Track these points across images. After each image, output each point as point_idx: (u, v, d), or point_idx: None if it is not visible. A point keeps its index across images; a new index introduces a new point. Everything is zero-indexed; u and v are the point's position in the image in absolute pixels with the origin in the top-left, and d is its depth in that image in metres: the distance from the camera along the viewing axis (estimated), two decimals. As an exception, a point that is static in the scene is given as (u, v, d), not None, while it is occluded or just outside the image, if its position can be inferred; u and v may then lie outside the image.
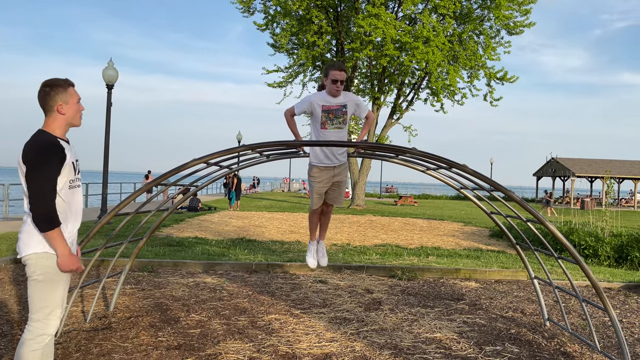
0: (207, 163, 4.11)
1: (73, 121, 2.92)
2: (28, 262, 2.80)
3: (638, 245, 9.79)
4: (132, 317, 4.93)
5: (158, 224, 5.06)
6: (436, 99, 25.37)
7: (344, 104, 4.47)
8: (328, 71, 4.38)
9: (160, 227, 13.03)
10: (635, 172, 43.35)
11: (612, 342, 4.74)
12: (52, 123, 2.85)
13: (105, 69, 14.36)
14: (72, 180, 2.87)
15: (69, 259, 2.78)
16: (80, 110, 2.96)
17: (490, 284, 7.24)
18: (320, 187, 4.73)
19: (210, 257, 8.44)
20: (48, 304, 2.81)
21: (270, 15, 25.59)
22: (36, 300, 2.81)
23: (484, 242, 12.67)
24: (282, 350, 4.18)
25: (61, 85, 2.85)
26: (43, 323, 2.81)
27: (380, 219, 19.10)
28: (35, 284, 2.80)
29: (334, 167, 4.67)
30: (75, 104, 2.90)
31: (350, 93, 4.62)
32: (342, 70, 4.35)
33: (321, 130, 4.49)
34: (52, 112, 2.84)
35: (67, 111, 2.87)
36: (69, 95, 2.87)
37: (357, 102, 4.59)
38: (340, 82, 4.37)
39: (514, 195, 3.67)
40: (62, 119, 2.86)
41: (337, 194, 4.85)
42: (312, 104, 4.47)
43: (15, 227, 12.28)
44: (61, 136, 2.88)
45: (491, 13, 24.43)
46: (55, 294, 2.83)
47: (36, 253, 2.78)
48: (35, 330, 2.81)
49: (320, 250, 5.17)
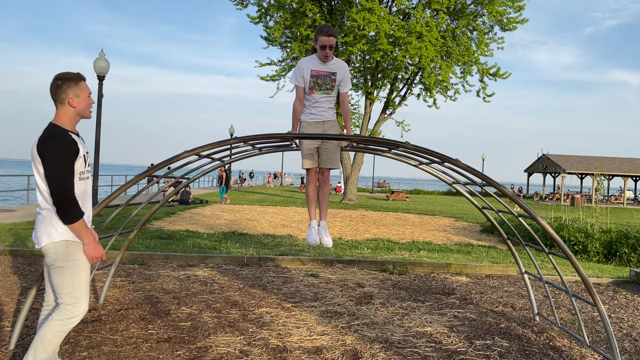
0: (199, 155, 4.08)
1: (84, 114, 3.02)
2: (48, 252, 2.90)
3: (627, 241, 9.88)
4: (122, 310, 4.90)
5: (149, 216, 5.02)
6: (429, 94, 25.40)
7: (333, 71, 4.38)
8: (317, 36, 4.26)
9: (151, 220, 12.96)
10: (625, 169, 43.74)
11: (601, 336, 4.78)
12: (63, 116, 2.94)
13: (97, 60, 14.23)
14: (82, 172, 2.97)
15: (95, 248, 2.96)
16: (91, 104, 3.05)
17: (480, 278, 7.27)
18: (309, 142, 4.52)
19: (201, 250, 8.41)
20: (76, 288, 2.94)
21: (264, 8, 25.47)
22: (64, 286, 2.93)
23: (475, 238, 12.73)
24: (273, 344, 4.17)
25: (73, 79, 2.95)
26: (74, 306, 2.94)
27: (372, 214, 19.13)
28: (60, 271, 2.91)
29: (323, 122, 4.50)
30: (86, 97, 3.00)
31: (342, 61, 4.49)
32: (330, 36, 4.21)
33: (309, 95, 4.43)
34: (64, 104, 2.93)
35: (78, 104, 2.96)
36: (80, 88, 2.96)
37: (346, 72, 4.48)
38: (329, 47, 4.25)
39: (506, 190, 3.67)
40: (72, 111, 2.96)
41: (330, 154, 4.59)
42: (302, 67, 4.38)
43: (7, 218, 12.17)
44: (71, 129, 2.98)
45: (484, 9, 24.46)
46: (80, 278, 2.96)
47: (54, 242, 2.88)
48: (66, 312, 2.93)
49: (322, 230, 4.79)
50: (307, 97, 4.46)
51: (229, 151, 4.59)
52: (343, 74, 4.45)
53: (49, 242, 2.88)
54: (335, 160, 4.67)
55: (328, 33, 4.22)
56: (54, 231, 2.88)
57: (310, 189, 4.74)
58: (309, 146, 4.53)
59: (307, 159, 4.57)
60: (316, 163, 4.62)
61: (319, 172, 4.70)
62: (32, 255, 7.35)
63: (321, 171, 4.69)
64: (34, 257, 7.28)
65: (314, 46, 4.39)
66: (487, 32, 25.67)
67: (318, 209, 4.84)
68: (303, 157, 4.58)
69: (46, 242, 2.89)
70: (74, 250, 2.93)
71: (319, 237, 4.69)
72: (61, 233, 2.89)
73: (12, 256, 7.29)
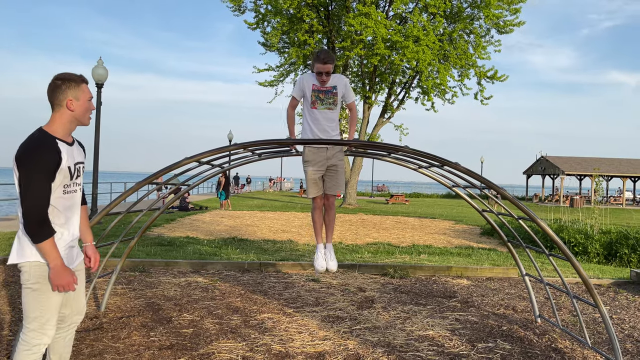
0: (199, 162, 4.09)
1: (81, 119, 2.77)
2: (22, 270, 2.69)
3: (627, 242, 9.89)
4: (123, 318, 4.90)
5: (149, 223, 5.03)
6: (427, 97, 25.44)
7: (334, 85, 4.41)
8: (314, 63, 4.30)
9: (152, 227, 12.96)
10: (624, 170, 43.82)
11: (603, 338, 4.78)
12: (57, 119, 2.70)
13: (95, 68, 14.25)
14: (68, 185, 2.72)
15: (60, 273, 2.64)
16: (90, 109, 2.81)
17: (481, 281, 7.28)
18: (314, 172, 4.53)
19: (202, 256, 8.41)
20: (43, 314, 2.70)
21: (261, 14, 25.54)
22: (31, 309, 2.69)
23: (475, 240, 12.74)
24: (275, 349, 4.17)
25: (74, 80, 2.72)
26: (39, 333, 2.70)
27: (372, 218, 19.13)
28: (30, 293, 2.68)
29: (327, 149, 4.49)
30: (86, 101, 2.76)
31: (340, 75, 4.53)
32: (326, 63, 4.23)
33: (311, 110, 4.41)
34: (61, 107, 2.69)
35: (77, 108, 2.72)
36: (80, 91, 2.73)
37: (347, 84, 4.51)
38: (325, 74, 4.28)
39: (506, 192, 3.69)
40: (69, 115, 2.71)
41: (334, 180, 4.61)
42: (303, 83, 4.41)
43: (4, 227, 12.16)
44: (63, 136, 2.71)
45: (481, 12, 24.54)
46: (50, 303, 2.71)
47: (29, 262, 2.66)
48: (31, 340, 2.71)
49: (328, 253, 4.83)
50: (309, 113, 4.47)
51: (228, 157, 4.60)
52: (344, 86, 4.48)
53: (23, 260, 2.66)
54: (340, 185, 4.69)
55: (324, 60, 4.23)
56: (29, 250, 2.65)
57: (316, 215, 4.77)
58: (313, 176, 4.56)
59: (312, 189, 4.61)
60: (321, 191, 4.65)
61: (325, 197, 4.73)
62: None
63: (327, 197, 4.73)
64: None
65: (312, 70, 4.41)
66: (484, 35, 25.76)
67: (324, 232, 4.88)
68: (308, 186, 4.63)
69: (21, 260, 2.67)
70: (47, 273, 2.66)
71: (325, 259, 4.78)
72: (36, 253, 2.64)
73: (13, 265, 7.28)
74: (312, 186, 4.58)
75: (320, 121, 4.40)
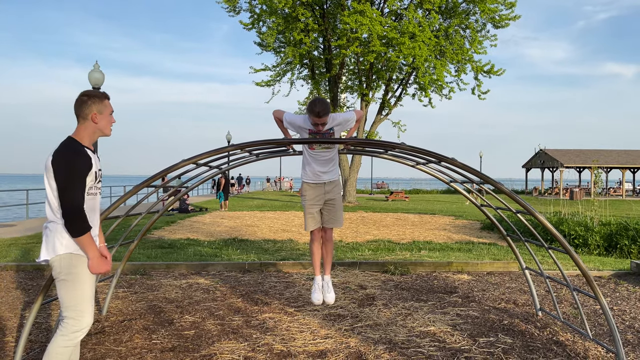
0: (197, 163, 4.10)
1: (104, 130, 3.10)
2: (53, 265, 2.95)
3: (627, 233, 9.91)
4: (125, 321, 4.90)
5: (149, 226, 5.03)
6: (424, 93, 25.43)
7: (329, 128, 4.42)
8: (309, 114, 4.27)
9: (152, 230, 12.96)
10: (623, 162, 43.83)
11: (604, 329, 4.79)
12: (83, 131, 3.02)
13: (92, 72, 14.24)
14: (91, 188, 3.03)
15: (99, 262, 2.97)
16: (112, 122, 3.14)
17: (482, 276, 7.29)
18: (311, 206, 4.59)
19: (202, 258, 8.42)
20: (79, 301, 2.97)
21: (256, 14, 25.52)
22: (67, 299, 2.96)
23: (475, 235, 12.75)
24: (277, 349, 4.18)
25: (98, 97, 3.05)
26: (76, 320, 2.96)
27: (371, 215, 19.14)
28: (64, 284, 2.95)
29: (324, 184, 4.59)
30: (108, 115, 3.09)
31: (333, 115, 4.44)
32: (320, 117, 4.21)
33: (310, 151, 4.51)
34: (86, 120, 3.01)
35: (100, 121, 3.05)
36: (104, 106, 3.06)
37: (339, 122, 4.46)
38: (321, 124, 4.28)
39: (503, 187, 3.69)
40: (93, 127, 3.04)
41: (332, 214, 4.67)
42: (299, 125, 4.43)
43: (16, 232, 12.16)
44: (88, 145, 3.05)
45: (476, 7, 24.52)
46: (83, 291, 2.98)
47: (59, 255, 2.93)
48: (69, 327, 2.95)
49: (325, 286, 4.81)
50: (308, 153, 4.52)
51: (226, 158, 4.61)
52: (338, 124, 4.45)
53: (54, 255, 2.93)
54: (338, 219, 4.71)
55: (319, 114, 4.20)
56: (59, 244, 2.93)
57: (315, 247, 4.80)
58: (311, 210, 4.61)
59: (310, 222, 4.65)
60: (319, 224, 4.69)
61: (323, 230, 4.76)
62: (34, 269, 7.35)
63: (324, 230, 4.77)
64: (36, 271, 7.27)
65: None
66: (479, 29, 25.73)
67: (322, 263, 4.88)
68: (306, 219, 4.67)
69: (51, 256, 2.94)
70: (77, 263, 2.96)
71: (322, 296, 4.78)
72: (66, 246, 2.93)
73: (14, 271, 7.29)
74: (310, 219, 4.65)
75: (319, 161, 4.52)
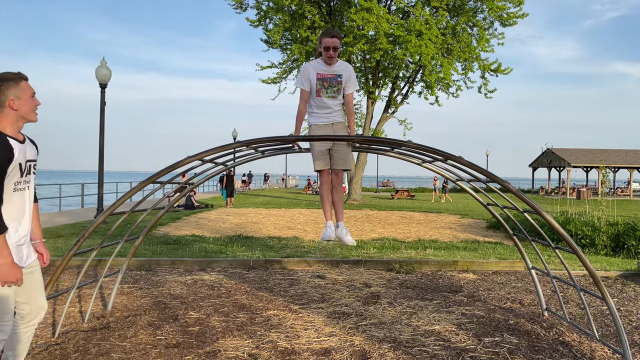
0: (202, 160, 4.09)
1: (28, 116, 2.77)
2: None
3: (634, 233, 9.83)
4: (130, 316, 4.91)
5: (154, 222, 5.04)
6: (430, 92, 25.36)
7: (339, 74, 4.40)
8: (320, 39, 4.30)
9: (157, 226, 13.00)
10: (631, 161, 43.51)
11: (611, 330, 4.75)
12: (3, 119, 2.69)
13: (99, 68, 14.28)
14: (18, 182, 2.71)
15: (9, 270, 2.61)
16: (36, 105, 2.80)
17: (488, 275, 7.25)
18: (320, 144, 4.53)
19: (207, 254, 8.43)
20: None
21: (263, 11, 25.52)
22: None
23: (481, 234, 12.70)
24: (281, 346, 4.17)
25: (12, 79, 2.70)
26: None
27: (377, 213, 19.11)
28: None
29: (332, 125, 4.52)
30: (28, 98, 2.75)
31: (347, 64, 4.50)
32: (333, 37, 4.23)
33: (316, 98, 4.45)
34: (4, 107, 2.68)
35: (20, 106, 2.71)
36: (21, 89, 2.72)
37: (351, 74, 4.49)
38: (333, 49, 4.27)
39: (510, 185, 3.66)
40: (14, 115, 2.70)
41: (342, 155, 4.57)
42: (307, 72, 4.40)
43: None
44: (12, 134, 2.71)
45: (484, 5, 24.40)
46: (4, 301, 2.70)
47: None
48: None
49: (341, 231, 4.65)
50: (314, 100, 4.47)
51: (232, 155, 4.60)
52: (348, 75, 4.46)
53: None
54: (347, 161, 4.64)
55: (331, 35, 4.24)
56: None
57: (324, 190, 4.70)
58: (321, 148, 4.52)
59: (319, 161, 4.56)
60: (328, 165, 4.60)
61: (332, 173, 4.67)
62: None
63: (335, 172, 4.67)
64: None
65: (319, 49, 4.39)
66: (487, 27, 25.60)
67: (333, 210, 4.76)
68: (314, 159, 4.58)
69: None
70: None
71: (340, 237, 4.61)
72: None
73: None
74: (320, 158, 4.55)
75: (325, 107, 4.45)
